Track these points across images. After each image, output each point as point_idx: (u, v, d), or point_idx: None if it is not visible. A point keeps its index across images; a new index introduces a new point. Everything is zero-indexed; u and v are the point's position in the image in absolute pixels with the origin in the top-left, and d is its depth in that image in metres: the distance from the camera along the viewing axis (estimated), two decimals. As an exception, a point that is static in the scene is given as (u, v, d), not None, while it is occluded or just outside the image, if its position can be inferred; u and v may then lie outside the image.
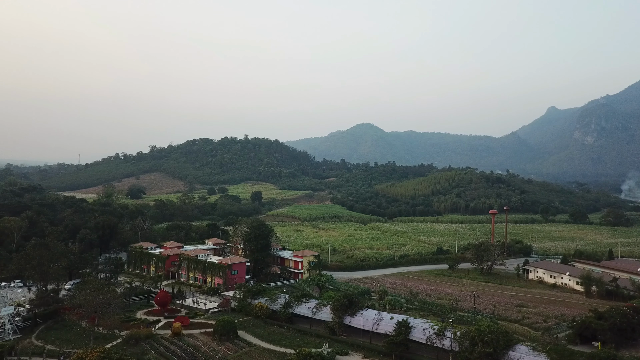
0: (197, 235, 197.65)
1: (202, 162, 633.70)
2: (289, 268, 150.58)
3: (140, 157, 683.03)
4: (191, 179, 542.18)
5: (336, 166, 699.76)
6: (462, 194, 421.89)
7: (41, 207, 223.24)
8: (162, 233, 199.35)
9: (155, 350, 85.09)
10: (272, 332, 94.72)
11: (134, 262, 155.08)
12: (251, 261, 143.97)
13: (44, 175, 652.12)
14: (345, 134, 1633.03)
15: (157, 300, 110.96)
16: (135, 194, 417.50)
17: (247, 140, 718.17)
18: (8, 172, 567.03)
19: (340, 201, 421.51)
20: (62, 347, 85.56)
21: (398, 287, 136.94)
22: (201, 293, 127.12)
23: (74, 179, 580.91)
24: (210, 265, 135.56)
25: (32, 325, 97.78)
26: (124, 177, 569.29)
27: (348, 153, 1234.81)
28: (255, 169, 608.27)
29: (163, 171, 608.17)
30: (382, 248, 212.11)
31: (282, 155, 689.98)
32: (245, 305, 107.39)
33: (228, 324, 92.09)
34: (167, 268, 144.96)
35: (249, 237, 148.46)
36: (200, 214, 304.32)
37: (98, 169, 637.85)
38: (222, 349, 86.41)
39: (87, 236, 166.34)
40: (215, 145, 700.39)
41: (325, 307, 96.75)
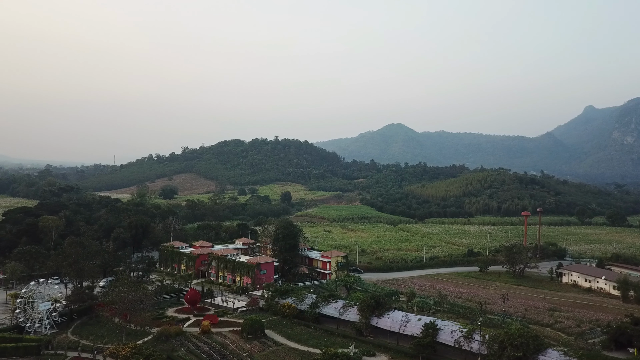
0: (227, 235, 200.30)
1: (233, 163, 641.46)
2: (316, 268, 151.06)
3: (172, 158, 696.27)
4: (222, 179, 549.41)
5: (366, 167, 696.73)
6: (495, 195, 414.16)
7: (78, 207, 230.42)
8: (193, 232, 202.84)
9: (184, 347, 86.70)
10: (299, 332, 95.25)
11: (165, 260, 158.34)
12: (279, 261, 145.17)
13: (81, 175, 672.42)
14: (375, 134, 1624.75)
15: (187, 299, 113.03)
16: (167, 194, 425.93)
17: (277, 141, 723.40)
18: (47, 173, 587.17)
19: (370, 202, 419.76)
20: (96, 343, 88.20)
21: (427, 289, 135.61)
22: (230, 292, 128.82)
23: (110, 179, 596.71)
24: (239, 265, 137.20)
25: (68, 321, 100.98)
26: (157, 178, 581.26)
27: (378, 154, 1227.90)
28: (285, 169, 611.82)
29: (195, 172, 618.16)
30: (411, 250, 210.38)
31: (311, 156, 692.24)
32: (273, 305, 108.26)
33: (256, 322, 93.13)
34: (197, 267, 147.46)
35: (277, 237, 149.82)
36: (230, 214, 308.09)
37: (132, 170, 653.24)
38: (249, 347, 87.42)
39: (121, 235, 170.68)
40: (246, 147, 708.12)
41: (352, 308, 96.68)
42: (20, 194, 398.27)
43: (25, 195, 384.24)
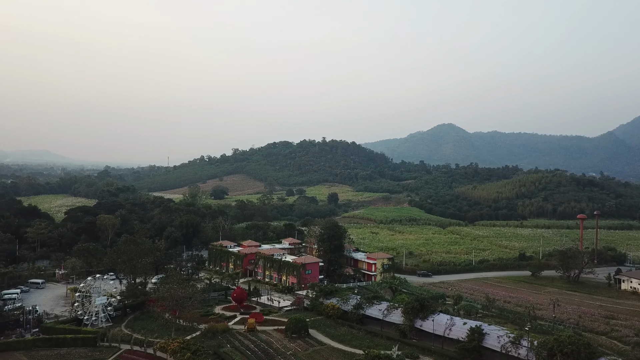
0: (274, 235, 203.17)
1: (281, 164, 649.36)
2: (362, 270, 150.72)
3: (223, 159, 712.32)
4: (271, 180, 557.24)
5: (415, 168, 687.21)
6: (550, 197, 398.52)
7: (133, 206, 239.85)
8: (241, 232, 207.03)
9: (230, 344, 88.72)
10: (343, 332, 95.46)
11: (214, 259, 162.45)
12: (325, 261, 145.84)
13: (137, 176, 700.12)
14: (425, 134, 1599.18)
15: (234, 297, 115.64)
16: (218, 194, 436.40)
17: (324, 142, 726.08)
18: (106, 174, 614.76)
19: (419, 204, 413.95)
20: (147, 337, 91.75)
21: (475, 293, 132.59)
22: (276, 291, 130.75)
23: (163, 180, 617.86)
24: (285, 264, 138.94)
25: (121, 315, 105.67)
26: (208, 179, 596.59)
27: (428, 154, 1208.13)
28: (332, 170, 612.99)
29: (245, 173, 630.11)
30: (460, 252, 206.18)
31: (359, 157, 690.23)
32: (318, 305, 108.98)
33: (300, 322, 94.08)
34: (245, 266, 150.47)
35: (322, 238, 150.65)
36: (278, 215, 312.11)
37: (185, 171, 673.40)
38: (293, 346, 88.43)
39: (172, 234, 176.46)
40: (294, 148, 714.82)
41: (396, 310, 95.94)
42: (81, 194, 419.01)
43: (85, 195, 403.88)
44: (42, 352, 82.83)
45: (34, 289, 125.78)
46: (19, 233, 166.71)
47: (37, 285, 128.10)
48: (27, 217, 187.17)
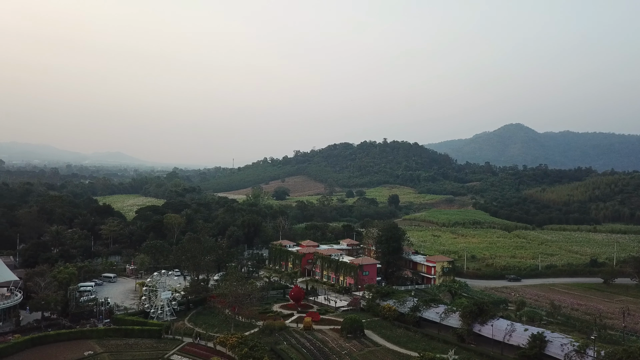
0: (333, 236, 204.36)
1: (342, 166, 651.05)
2: (421, 272, 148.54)
3: (285, 161, 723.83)
4: (331, 181, 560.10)
5: (480, 169, 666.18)
6: (627, 200, 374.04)
7: (198, 206, 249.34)
8: (300, 232, 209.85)
9: (287, 341, 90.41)
10: (399, 334, 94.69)
11: (274, 258, 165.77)
12: (383, 263, 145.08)
13: (203, 177, 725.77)
14: (492, 135, 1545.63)
15: (292, 295, 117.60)
16: (280, 195, 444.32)
17: (385, 143, 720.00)
18: (174, 175, 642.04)
19: (483, 206, 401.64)
20: (207, 331, 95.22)
21: (539, 299, 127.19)
22: (333, 291, 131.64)
23: (228, 181, 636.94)
24: (343, 265, 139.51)
25: (185, 310, 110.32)
26: (270, 180, 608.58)
27: (494, 156, 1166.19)
28: (393, 172, 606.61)
29: (306, 174, 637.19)
30: (526, 257, 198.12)
31: (421, 159, 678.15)
32: (374, 306, 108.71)
33: (355, 322, 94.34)
34: (303, 265, 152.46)
35: (380, 240, 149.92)
36: (338, 216, 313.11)
37: (248, 172, 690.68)
38: (348, 345, 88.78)
39: (235, 233, 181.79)
40: (354, 150, 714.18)
41: (454, 314, 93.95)
42: (151, 194, 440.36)
43: (155, 195, 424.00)
44: (113, 342, 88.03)
45: (106, 282, 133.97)
46: (94, 230, 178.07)
47: (110, 279, 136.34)
48: (102, 216, 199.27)
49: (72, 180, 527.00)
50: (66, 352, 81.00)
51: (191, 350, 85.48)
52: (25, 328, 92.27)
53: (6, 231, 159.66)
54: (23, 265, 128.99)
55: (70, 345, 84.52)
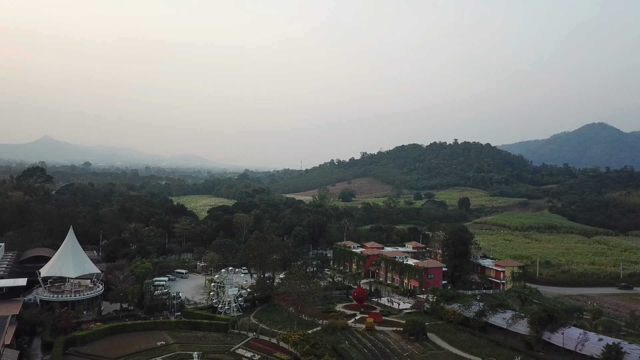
0: (398, 238, 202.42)
1: (409, 168, 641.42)
2: (489, 277, 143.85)
3: (352, 163, 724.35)
4: (398, 183, 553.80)
5: (557, 172, 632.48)
6: None
7: (267, 207, 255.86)
8: (365, 234, 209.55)
9: (348, 340, 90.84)
10: (463, 339, 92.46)
11: (338, 259, 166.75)
12: (449, 267, 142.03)
13: (272, 179, 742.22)
14: (571, 135, 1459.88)
15: (355, 296, 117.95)
16: (346, 197, 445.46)
17: (456, 144, 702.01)
18: (245, 177, 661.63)
19: (561, 210, 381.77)
20: (272, 328, 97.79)
21: (619, 309, 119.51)
22: (397, 293, 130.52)
23: (296, 182, 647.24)
24: (407, 267, 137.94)
25: (251, 306, 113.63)
26: (337, 182, 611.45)
27: (574, 157, 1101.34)
28: (464, 174, 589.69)
29: (372, 176, 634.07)
30: (606, 264, 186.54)
31: (493, 160, 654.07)
32: (438, 309, 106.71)
33: (418, 324, 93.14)
34: (367, 267, 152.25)
35: (447, 243, 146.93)
36: (404, 218, 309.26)
37: (315, 174, 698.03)
38: (410, 348, 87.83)
39: (300, 233, 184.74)
40: (423, 151, 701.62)
41: (522, 320, 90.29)
42: (222, 195, 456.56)
43: (226, 196, 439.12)
44: (183, 333, 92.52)
45: (179, 278, 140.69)
46: (168, 228, 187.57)
47: (182, 275, 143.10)
48: (176, 215, 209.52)
49: (150, 181, 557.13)
50: (141, 341, 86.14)
51: (255, 345, 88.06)
52: (105, 317, 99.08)
53: (91, 228, 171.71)
54: (105, 259, 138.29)
55: (145, 335, 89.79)
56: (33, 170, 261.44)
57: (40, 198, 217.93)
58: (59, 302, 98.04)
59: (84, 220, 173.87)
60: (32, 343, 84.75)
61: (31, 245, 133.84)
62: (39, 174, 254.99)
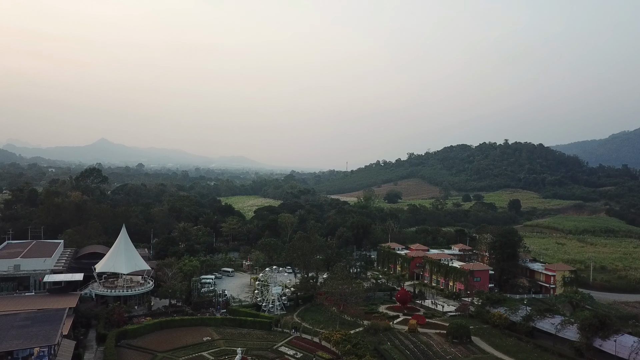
0: (444, 240, 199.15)
1: (458, 169, 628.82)
2: (538, 281, 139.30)
3: (398, 164, 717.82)
4: (446, 185, 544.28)
5: (615, 173, 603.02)
6: None
7: (311, 207, 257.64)
8: (410, 236, 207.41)
9: (391, 342, 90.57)
10: (509, 344, 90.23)
11: (382, 260, 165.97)
12: (496, 270, 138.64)
13: (317, 180, 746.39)
14: (632, 135, 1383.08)
15: (398, 298, 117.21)
16: (391, 198, 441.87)
17: (506, 145, 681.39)
18: (291, 178, 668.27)
19: (619, 214, 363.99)
20: (314, 327, 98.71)
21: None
22: (441, 296, 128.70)
23: (341, 183, 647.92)
24: (452, 270, 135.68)
25: (294, 305, 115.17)
26: (383, 183, 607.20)
27: (634, 158, 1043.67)
28: (515, 175, 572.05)
29: (419, 177, 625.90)
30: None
31: (546, 161, 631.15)
32: (483, 313, 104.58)
33: (461, 327, 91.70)
34: (412, 269, 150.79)
35: (494, 245, 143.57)
36: (452, 220, 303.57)
37: (361, 175, 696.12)
38: (453, 351, 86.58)
39: (344, 234, 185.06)
40: (472, 151, 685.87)
41: (572, 326, 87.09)
42: (269, 195, 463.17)
43: (272, 196, 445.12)
44: (228, 330, 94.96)
45: (225, 276, 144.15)
46: (216, 227, 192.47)
47: (228, 273, 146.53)
48: (224, 214, 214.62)
49: (199, 182, 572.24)
50: (188, 336, 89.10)
51: (298, 344, 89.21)
52: (155, 312, 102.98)
53: (143, 227, 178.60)
54: (155, 257, 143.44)
55: (192, 330, 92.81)
56: (90, 171, 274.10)
57: (97, 198, 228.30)
58: (113, 296, 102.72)
59: (136, 219, 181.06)
60: (87, 334, 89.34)
61: (87, 242, 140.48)
62: (96, 175, 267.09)
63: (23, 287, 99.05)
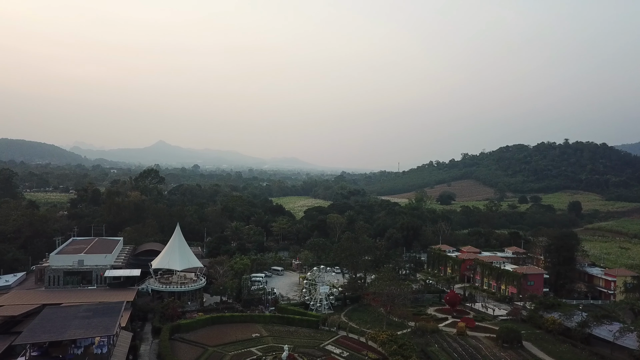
0: (497, 243, 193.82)
1: (514, 169, 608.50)
2: (597, 287, 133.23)
3: (452, 164, 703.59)
4: (502, 186, 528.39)
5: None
6: None
7: (361, 208, 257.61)
8: (462, 238, 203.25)
9: (438, 344, 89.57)
10: (563, 350, 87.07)
11: (432, 262, 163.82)
12: (551, 274, 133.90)
13: (368, 181, 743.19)
14: None
15: (447, 300, 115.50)
16: (444, 200, 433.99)
17: (566, 144, 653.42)
18: (341, 179, 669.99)
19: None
20: (361, 327, 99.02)
21: None
22: (492, 299, 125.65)
23: (392, 184, 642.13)
24: (504, 273, 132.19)
25: (341, 305, 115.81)
26: (435, 184, 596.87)
27: None
28: (576, 176, 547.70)
29: (474, 178, 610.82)
30: None
31: (610, 161, 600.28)
32: (536, 318, 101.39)
33: (512, 332, 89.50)
34: (462, 271, 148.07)
35: (549, 249, 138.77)
36: (506, 222, 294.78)
37: (413, 176, 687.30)
38: (503, 355, 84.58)
39: (394, 235, 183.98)
40: (529, 152, 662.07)
41: (632, 333, 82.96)
42: (319, 196, 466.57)
43: (322, 197, 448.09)
44: (276, 327, 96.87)
45: (275, 274, 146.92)
46: (267, 227, 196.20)
47: (278, 272, 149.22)
48: (274, 214, 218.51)
49: (252, 182, 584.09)
50: (237, 332, 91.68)
51: (344, 343, 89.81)
52: (207, 308, 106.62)
53: (197, 225, 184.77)
54: (208, 255, 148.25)
55: (241, 327, 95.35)
56: (148, 172, 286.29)
57: (154, 197, 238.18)
58: (167, 292, 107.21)
59: (190, 219, 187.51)
60: (144, 327, 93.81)
61: (145, 240, 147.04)
62: (154, 176, 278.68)
63: (86, 281, 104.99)
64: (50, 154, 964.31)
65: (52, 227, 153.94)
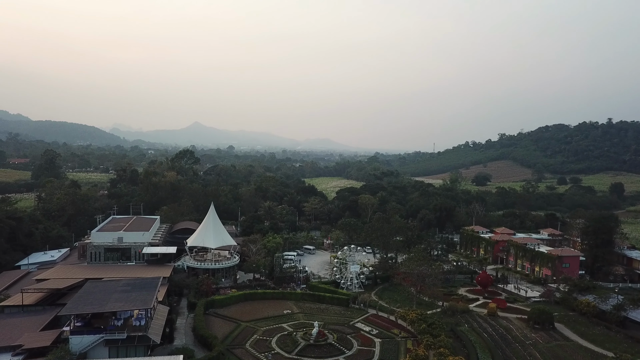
0: (533, 225, 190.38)
1: (553, 150, 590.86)
2: (636, 270, 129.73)
3: (488, 145, 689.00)
4: (540, 167, 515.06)
5: None
6: None
7: (394, 189, 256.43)
8: (496, 219, 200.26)
9: (468, 324, 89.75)
10: (596, 333, 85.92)
11: (465, 243, 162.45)
12: (588, 257, 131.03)
13: (402, 162, 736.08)
14: None
15: (478, 281, 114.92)
16: (480, 181, 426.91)
17: (610, 124, 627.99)
18: (374, 160, 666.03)
19: None
20: (391, 305, 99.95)
21: None
22: (526, 281, 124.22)
23: (427, 165, 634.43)
24: (538, 255, 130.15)
25: (372, 284, 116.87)
26: (471, 165, 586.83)
27: None
28: (619, 157, 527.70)
29: (511, 159, 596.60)
30: None
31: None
32: (570, 300, 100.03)
33: (544, 313, 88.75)
34: (495, 252, 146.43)
35: (586, 231, 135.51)
36: (544, 204, 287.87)
37: (448, 157, 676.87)
38: (534, 336, 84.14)
39: (426, 216, 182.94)
40: (570, 132, 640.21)
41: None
42: (352, 177, 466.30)
43: (355, 178, 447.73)
44: (307, 305, 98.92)
45: (306, 253, 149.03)
46: (299, 207, 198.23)
47: (309, 250, 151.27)
48: (307, 195, 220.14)
49: (285, 163, 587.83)
50: (269, 308, 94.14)
51: (374, 321, 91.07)
52: (240, 285, 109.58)
53: (231, 205, 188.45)
54: (242, 234, 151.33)
55: (273, 303, 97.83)
56: (184, 153, 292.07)
57: (190, 178, 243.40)
58: (202, 269, 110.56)
59: (225, 198, 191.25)
60: (179, 302, 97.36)
61: (181, 218, 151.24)
62: (189, 157, 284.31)
63: (125, 257, 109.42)
64: (91, 135, 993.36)
65: (93, 206, 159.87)
